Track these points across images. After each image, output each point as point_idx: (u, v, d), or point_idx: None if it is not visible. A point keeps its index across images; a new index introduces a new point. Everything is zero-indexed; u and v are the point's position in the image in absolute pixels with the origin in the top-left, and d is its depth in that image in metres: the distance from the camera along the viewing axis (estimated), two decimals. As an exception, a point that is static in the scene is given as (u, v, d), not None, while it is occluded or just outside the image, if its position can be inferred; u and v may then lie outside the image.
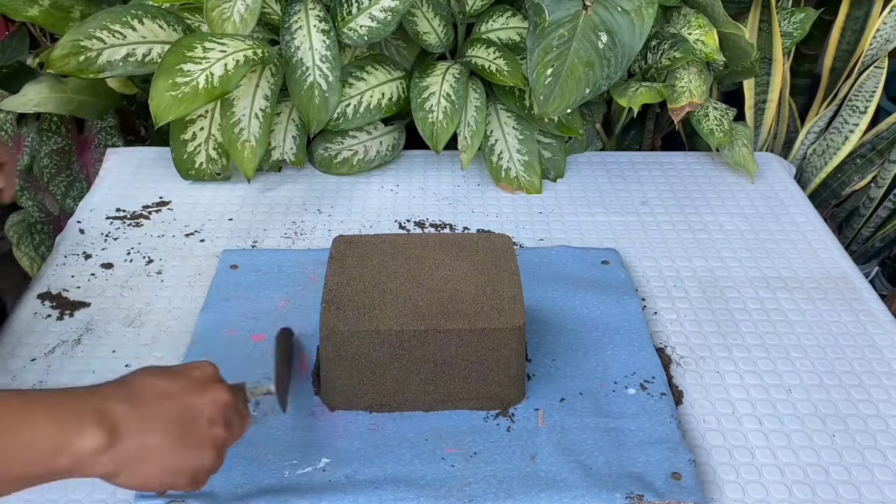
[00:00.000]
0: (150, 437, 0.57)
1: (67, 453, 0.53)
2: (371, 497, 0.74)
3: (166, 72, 1.06)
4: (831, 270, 1.08)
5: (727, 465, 0.80)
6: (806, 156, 1.47)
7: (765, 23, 1.35)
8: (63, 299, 0.99)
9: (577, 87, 1.11)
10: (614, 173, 1.30)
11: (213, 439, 0.60)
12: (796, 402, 0.87)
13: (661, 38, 1.22)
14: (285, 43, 1.16)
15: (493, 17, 1.26)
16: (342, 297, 0.81)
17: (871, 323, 0.99)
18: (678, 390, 0.88)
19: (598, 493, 0.75)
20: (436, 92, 1.19)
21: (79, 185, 1.40)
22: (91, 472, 0.55)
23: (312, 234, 1.13)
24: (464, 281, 0.83)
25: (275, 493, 0.74)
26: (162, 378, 0.60)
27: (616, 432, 0.81)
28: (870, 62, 1.38)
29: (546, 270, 1.04)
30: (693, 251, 1.11)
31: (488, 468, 0.77)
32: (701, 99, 1.20)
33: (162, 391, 0.59)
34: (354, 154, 1.26)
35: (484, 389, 0.82)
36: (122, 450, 0.55)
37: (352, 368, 0.80)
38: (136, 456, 0.56)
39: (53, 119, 1.38)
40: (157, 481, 0.58)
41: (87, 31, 1.10)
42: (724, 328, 0.97)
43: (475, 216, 1.18)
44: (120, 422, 0.55)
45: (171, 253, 1.08)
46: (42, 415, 0.54)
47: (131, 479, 0.57)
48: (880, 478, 0.79)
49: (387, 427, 0.82)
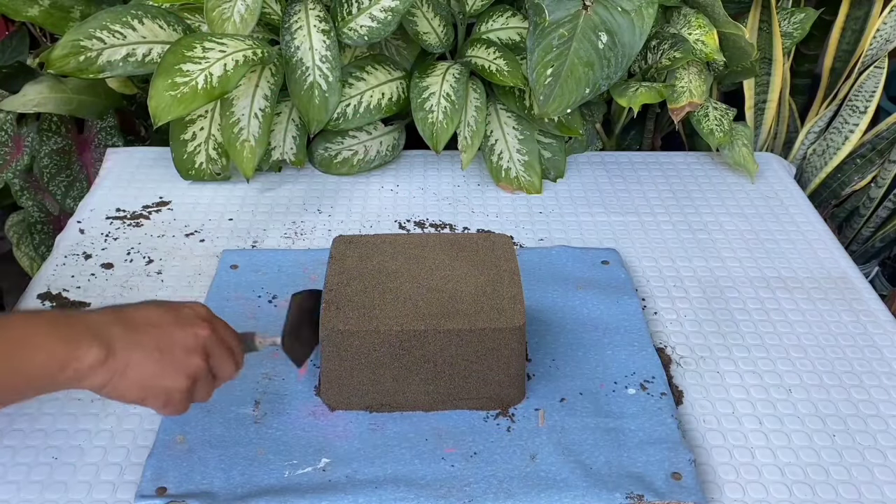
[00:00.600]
0: (133, 355, 0.64)
1: (71, 366, 0.61)
2: (371, 497, 0.74)
3: (165, 72, 1.06)
4: (831, 270, 1.08)
5: (727, 465, 0.80)
6: (806, 156, 1.47)
7: (765, 23, 1.35)
8: (63, 299, 0.99)
9: (577, 87, 1.11)
10: (614, 173, 1.30)
11: (187, 367, 0.67)
12: (796, 402, 0.87)
13: (661, 38, 1.22)
14: (285, 43, 1.16)
15: (493, 17, 1.26)
16: (342, 297, 0.81)
17: (871, 323, 0.99)
18: (678, 390, 0.88)
19: (598, 493, 0.75)
20: (436, 92, 1.19)
21: (79, 185, 1.41)
22: (86, 384, 0.63)
23: (312, 234, 1.13)
24: (464, 281, 0.83)
25: (275, 493, 0.74)
26: (154, 310, 0.68)
27: (616, 432, 0.81)
28: (870, 62, 1.38)
29: (546, 270, 1.04)
30: (693, 251, 1.11)
31: (488, 468, 0.77)
32: (701, 99, 1.21)
33: (151, 320, 0.67)
34: (354, 154, 1.26)
35: (484, 389, 0.82)
36: (112, 365, 0.63)
37: (352, 368, 0.80)
38: (120, 371, 0.64)
39: (53, 119, 1.38)
40: (133, 395, 0.65)
41: (87, 31, 1.10)
42: (724, 328, 0.97)
43: (475, 216, 1.18)
44: (114, 341, 0.63)
45: (171, 253, 1.08)
46: (50, 332, 0.62)
47: (113, 390, 0.64)
48: (880, 478, 0.79)
49: (387, 427, 0.82)
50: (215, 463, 0.77)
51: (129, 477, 0.77)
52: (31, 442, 0.80)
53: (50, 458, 0.78)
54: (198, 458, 0.78)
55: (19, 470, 0.77)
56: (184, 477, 0.76)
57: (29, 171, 1.41)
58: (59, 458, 0.78)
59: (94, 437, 0.81)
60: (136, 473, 0.77)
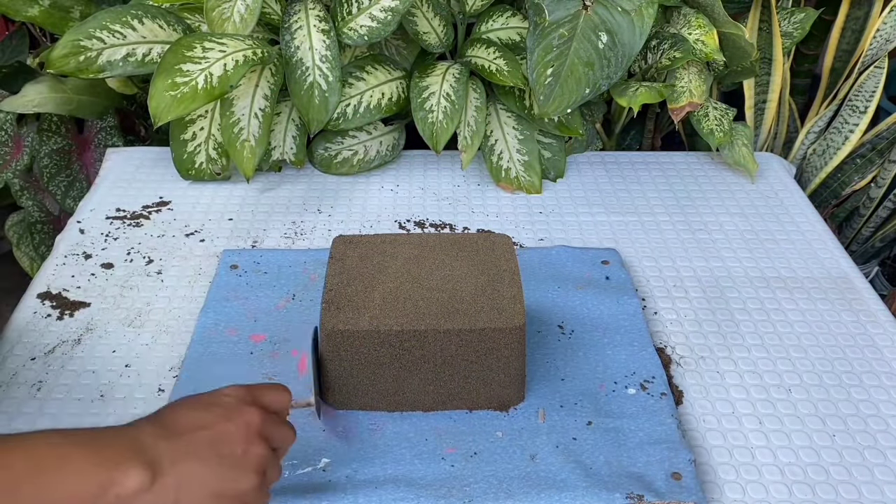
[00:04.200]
0: (189, 468, 0.57)
1: (111, 493, 0.54)
2: (371, 497, 0.74)
3: (165, 72, 1.06)
4: (831, 270, 1.08)
5: (727, 465, 0.80)
6: (806, 156, 1.47)
7: (765, 23, 1.35)
8: (63, 299, 0.99)
9: (577, 87, 1.11)
10: (614, 173, 1.30)
11: (252, 460, 0.60)
12: (796, 402, 0.87)
13: (661, 38, 1.22)
14: (285, 43, 1.16)
15: (493, 17, 1.26)
16: (342, 297, 0.81)
17: (871, 323, 0.99)
18: (678, 390, 0.88)
19: (598, 493, 0.75)
20: (436, 92, 1.19)
21: (79, 185, 1.41)
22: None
23: (312, 234, 1.13)
24: (464, 281, 0.83)
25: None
26: (194, 409, 0.61)
27: (616, 432, 0.81)
28: (870, 62, 1.38)
29: (546, 270, 1.04)
30: (693, 251, 1.11)
31: (488, 468, 0.77)
32: (701, 99, 1.21)
33: (195, 422, 0.59)
34: (354, 154, 1.26)
35: (484, 389, 0.82)
36: (164, 485, 0.55)
37: (352, 368, 0.80)
38: (177, 489, 0.56)
39: (53, 119, 1.38)
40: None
41: (87, 31, 1.10)
42: (724, 328, 0.97)
43: (475, 216, 1.18)
44: (159, 457, 0.56)
45: (171, 253, 1.08)
46: (84, 454, 0.54)
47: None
48: (880, 478, 0.79)
49: (387, 427, 0.82)
50: (215, 463, 0.77)
51: (129, 477, 0.77)
52: (31, 442, 0.80)
53: (50, 458, 0.78)
54: (198, 458, 0.77)
55: (19, 470, 0.77)
56: (184, 477, 0.75)
57: (29, 171, 1.41)
58: (59, 458, 0.78)
59: (94, 437, 0.81)
60: (136, 473, 0.77)
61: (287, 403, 0.67)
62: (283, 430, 0.65)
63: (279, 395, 0.66)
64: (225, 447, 0.59)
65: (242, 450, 0.60)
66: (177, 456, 0.57)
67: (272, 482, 0.64)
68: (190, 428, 0.59)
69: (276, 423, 0.64)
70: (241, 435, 0.60)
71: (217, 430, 0.59)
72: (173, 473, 0.56)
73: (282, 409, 0.66)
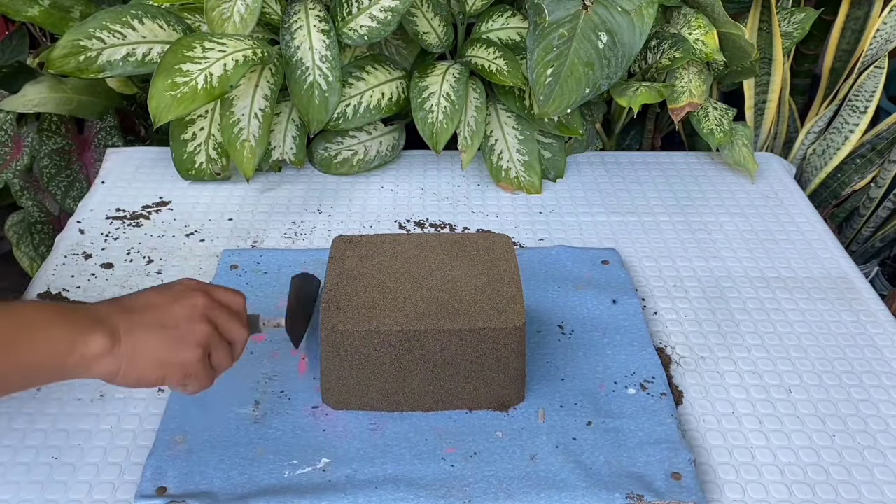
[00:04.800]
0: (140, 337, 0.66)
1: (77, 354, 0.63)
2: (371, 497, 0.74)
3: (165, 72, 1.06)
4: (831, 270, 1.08)
5: (727, 465, 0.80)
6: (806, 156, 1.47)
7: (765, 23, 1.35)
8: (63, 299, 0.99)
9: (577, 87, 1.11)
10: (614, 173, 1.30)
11: (194, 335, 0.68)
12: (796, 402, 0.87)
13: (661, 38, 1.22)
14: (285, 43, 1.16)
15: (493, 17, 1.26)
16: (342, 297, 0.81)
17: (871, 323, 0.99)
18: (678, 390, 0.88)
19: (598, 493, 0.75)
20: (436, 92, 1.19)
21: (79, 185, 1.41)
22: (94, 373, 0.65)
23: (312, 234, 1.13)
24: (464, 281, 0.83)
25: (275, 493, 0.74)
26: (149, 293, 0.71)
27: (616, 432, 0.81)
28: (870, 62, 1.38)
29: (546, 270, 1.04)
30: (693, 251, 1.11)
31: (488, 468, 0.77)
32: (701, 99, 1.21)
33: (148, 302, 0.69)
34: (354, 154, 1.26)
35: (484, 389, 0.82)
36: (120, 352, 0.65)
37: (352, 368, 0.80)
38: (130, 356, 0.65)
39: (53, 119, 1.38)
40: (151, 376, 0.67)
41: (87, 31, 1.10)
42: (724, 328, 0.97)
43: (475, 216, 1.18)
44: (116, 328, 0.65)
45: (171, 253, 1.08)
46: (58, 321, 0.64)
47: (128, 377, 0.66)
48: (880, 478, 0.79)
49: (387, 427, 0.82)
50: (215, 463, 0.77)
51: (129, 477, 0.77)
52: (31, 442, 0.80)
53: (50, 458, 0.78)
54: (198, 458, 0.78)
55: (19, 470, 0.77)
56: (184, 477, 0.76)
57: (29, 171, 1.41)
58: (59, 458, 0.78)
59: (94, 437, 0.81)
60: (136, 473, 0.77)
61: (240, 303, 0.74)
62: (233, 323, 0.72)
63: (231, 294, 0.74)
64: (170, 321, 0.68)
65: (186, 326, 0.68)
66: (131, 327, 0.66)
67: (221, 367, 0.71)
68: (143, 307, 0.68)
69: (225, 314, 0.71)
70: (186, 314, 0.69)
71: (165, 308, 0.69)
72: (128, 341, 0.65)
73: (233, 305, 0.73)
